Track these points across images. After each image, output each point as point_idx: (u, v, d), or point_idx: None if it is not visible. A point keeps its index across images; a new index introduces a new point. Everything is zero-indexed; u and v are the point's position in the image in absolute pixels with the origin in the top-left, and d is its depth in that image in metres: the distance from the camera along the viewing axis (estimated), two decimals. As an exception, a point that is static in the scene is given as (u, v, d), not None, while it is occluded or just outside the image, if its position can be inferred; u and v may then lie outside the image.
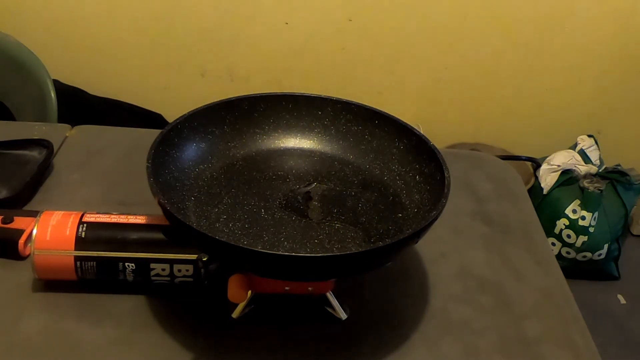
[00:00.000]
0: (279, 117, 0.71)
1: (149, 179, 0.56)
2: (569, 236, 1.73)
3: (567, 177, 1.77)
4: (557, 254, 1.75)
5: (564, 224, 1.73)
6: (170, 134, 0.64)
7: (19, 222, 0.67)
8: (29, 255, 0.62)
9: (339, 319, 0.61)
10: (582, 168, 1.77)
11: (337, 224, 0.61)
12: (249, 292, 0.58)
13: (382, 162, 0.68)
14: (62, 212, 0.63)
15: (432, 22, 1.77)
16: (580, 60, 1.83)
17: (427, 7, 1.75)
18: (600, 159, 1.81)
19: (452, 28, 1.78)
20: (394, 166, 0.67)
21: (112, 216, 0.63)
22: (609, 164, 1.83)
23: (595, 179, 1.77)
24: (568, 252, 1.75)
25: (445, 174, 0.60)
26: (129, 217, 0.63)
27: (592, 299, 1.73)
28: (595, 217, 1.71)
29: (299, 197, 0.64)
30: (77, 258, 0.60)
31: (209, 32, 1.81)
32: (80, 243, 0.60)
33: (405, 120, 0.68)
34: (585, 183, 1.76)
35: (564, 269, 0.72)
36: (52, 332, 0.59)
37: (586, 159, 1.79)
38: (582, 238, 1.72)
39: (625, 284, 1.81)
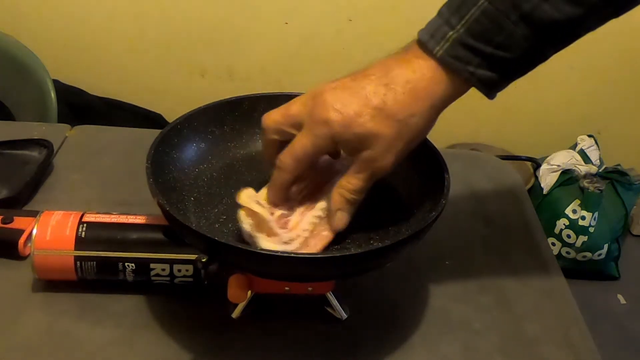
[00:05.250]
0: (279, 117, 0.71)
1: (149, 180, 0.56)
2: (569, 236, 1.73)
3: (567, 177, 1.77)
4: (557, 254, 1.75)
5: (564, 224, 1.73)
6: (170, 134, 0.64)
7: (19, 222, 0.67)
8: (29, 255, 0.62)
9: (339, 319, 0.61)
10: (582, 168, 1.77)
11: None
12: (249, 292, 0.58)
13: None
14: (62, 212, 0.63)
15: (432, 22, 1.77)
16: (580, 60, 1.82)
17: (427, 7, 1.75)
18: (600, 159, 1.81)
19: (452, 28, 1.78)
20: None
21: (112, 216, 0.63)
22: (609, 164, 1.83)
23: (595, 179, 1.77)
24: (568, 252, 1.75)
25: (445, 174, 0.60)
26: (129, 217, 0.63)
27: (592, 299, 1.73)
28: (595, 217, 1.71)
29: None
30: (77, 258, 0.60)
31: (209, 32, 1.81)
32: (80, 243, 0.60)
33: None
34: (585, 183, 1.76)
35: (564, 269, 0.72)
36: (52, 332, 0.59)
37: (586, 159, 1.79)
38: (582, 238, 1.72)
39: (625, 284, 1.81)
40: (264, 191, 0.58)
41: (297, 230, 0.57)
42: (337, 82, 0.54)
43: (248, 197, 0.55)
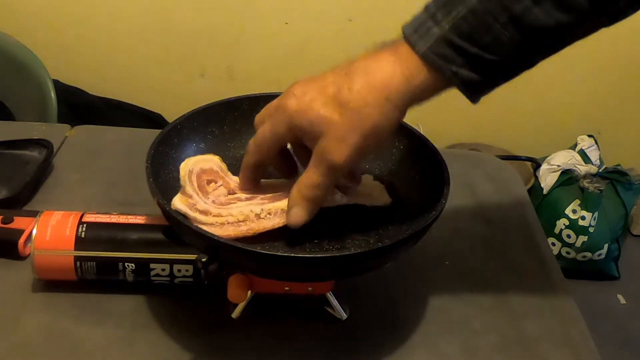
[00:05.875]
0: (278, 117, 0.71)
1: (148, 180, 0.56)
2: (569, 236, 1.73)
3: (567, 177, 1.77)
4: (557, 254, 1.75)
5: (564, 224, 1.73)
6: (170, 134, 0.64)
7: (19, 222, 0.67)
8: (29, 255, 0.62)
9: (339, 319, 0.61)
10: (582, 168, 1.77)
11: (336, 224, 0.61)
12: (249, 292, 0.58)
13: (382, 162, 0.68)
14: (62, 212, 0.63)
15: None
16: (580, 60, 1.82)
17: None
18: (600, 159, 1.81)
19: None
20: (394, 166, 0.67)
21: (112, 216, 0.63)
22: (609, 164, 1.83)
23: (595, 179, 1.77)
24: (568, 252, 1.75)
25: (445, 174, 0.60)
26: (129, 217, 0.63)
27: (592, 299, 1.73)
28: (595, 217, 1.71)
29: (298, 197, 0.64)
30: (76, 258, 0.60)
31: (209, 32, 1.81)
32: (80, 243, 0.60)
33: (405, 120, 0.68)
34: (585, 183, 1.76)
35: (564, 269, 0.72)
36: (52, 332, 0.59)
37: (586, 159, 1.79)
38: (582, 238, 1.72)
39: (625, 284, 1.81)
40: None
41: (224, 212, 0.57)
42: (311, 76, 0.54)
43: (194, 160, 0.60)
